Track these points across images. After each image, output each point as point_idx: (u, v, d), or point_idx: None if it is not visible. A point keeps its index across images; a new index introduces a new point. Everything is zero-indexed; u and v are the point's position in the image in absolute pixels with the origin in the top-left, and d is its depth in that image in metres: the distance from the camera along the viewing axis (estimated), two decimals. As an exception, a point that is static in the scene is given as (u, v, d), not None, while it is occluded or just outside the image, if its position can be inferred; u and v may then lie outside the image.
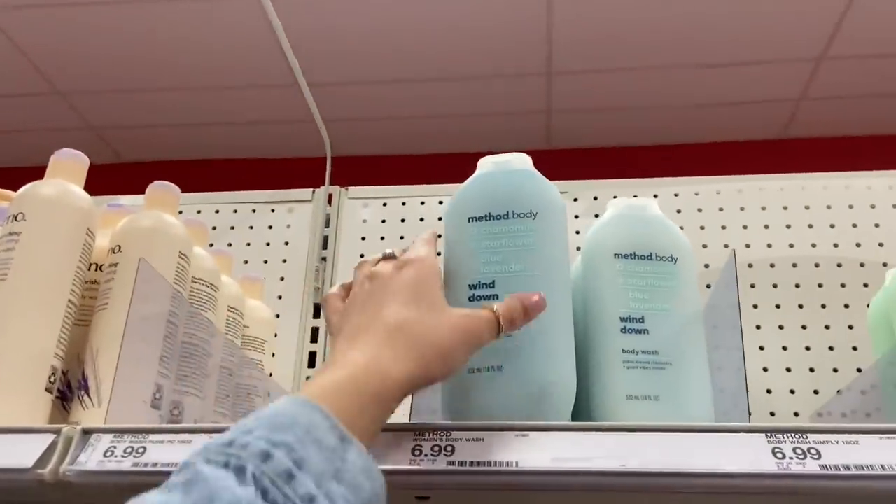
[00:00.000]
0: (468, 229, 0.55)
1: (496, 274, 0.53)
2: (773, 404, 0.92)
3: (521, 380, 0.51)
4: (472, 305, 0.51)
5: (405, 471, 0.45)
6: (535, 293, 0.50)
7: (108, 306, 0.62)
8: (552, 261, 0.54)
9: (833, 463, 0.43)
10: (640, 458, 0.45)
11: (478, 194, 0.56)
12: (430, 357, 0.44)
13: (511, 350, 0.51)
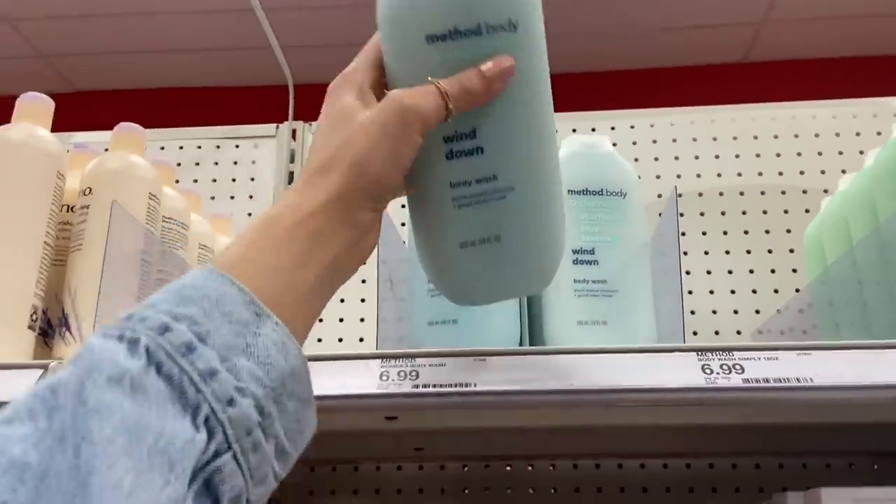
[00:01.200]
0: (427, 54, 0.41)
1: (475, 119, 0.41)
2: (719, 324, 0.98)
3: (520, 252, 0.44)
4: (454, 164, 0.42)
5: (374, 394, 0.49)
6: (501, 59, 0.40)
7: (83, 247, 0.64)
8: (540, 83, 0.43)
9: (754, 377, 0.48)
10: (585, 378, 0.50)
11: (430, 6, 0.40)
12: (345, 169, 0.38)
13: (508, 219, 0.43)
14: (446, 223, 0.43)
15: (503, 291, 0.48)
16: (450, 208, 0.43)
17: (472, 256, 0.43)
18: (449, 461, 0.95)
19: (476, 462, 0.94)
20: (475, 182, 0.42)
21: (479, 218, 0.43)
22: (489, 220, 0.43)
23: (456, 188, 0.42)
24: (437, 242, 0.44)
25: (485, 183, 0.42)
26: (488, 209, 0.43)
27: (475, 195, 0.42)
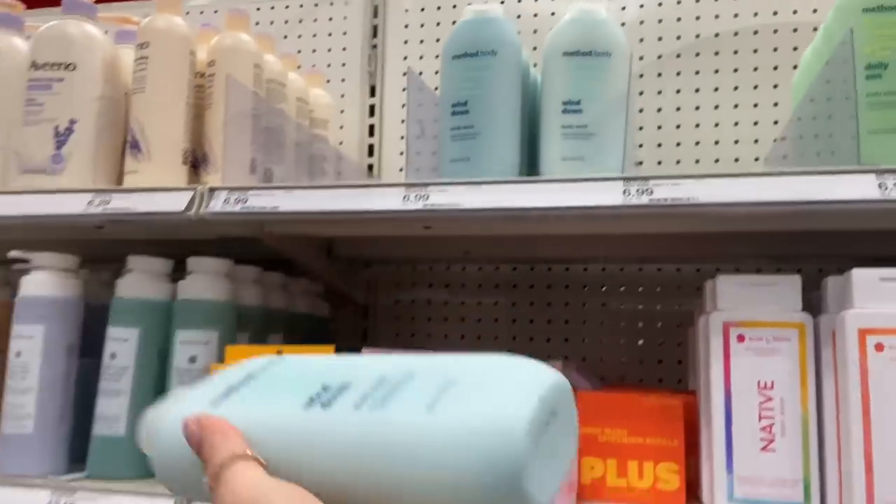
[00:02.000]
0: (225, 408, 0.40)
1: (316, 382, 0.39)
2: (722, 153, 1.12)
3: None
4: (332, 408, 0.37)
5: (400, 210, 0.73)
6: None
7: (212, 105, 0.90)
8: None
9: (661, 197, 0.67)
10: (554, 199, 0.71)
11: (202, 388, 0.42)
12: None
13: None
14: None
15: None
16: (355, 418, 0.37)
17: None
18: (501, 263, 1.20)
19: (523, 265, 1.19)
20: (371, 391, 0.37)
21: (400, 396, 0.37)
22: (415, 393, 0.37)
23: (362, 406, 0.36)
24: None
25: (379, 387, 0.37)
26: (403, 390, 0.37)
27: (381, 396, 0.37)
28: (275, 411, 0.38)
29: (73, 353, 0.85)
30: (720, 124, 1.13)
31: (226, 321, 0.85)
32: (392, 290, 1.24)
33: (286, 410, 0.37)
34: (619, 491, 0.76)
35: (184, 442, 0.37)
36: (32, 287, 0.83)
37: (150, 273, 0.85)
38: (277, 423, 0.37)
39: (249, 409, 0.38)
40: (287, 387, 0.39)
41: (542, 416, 0.33)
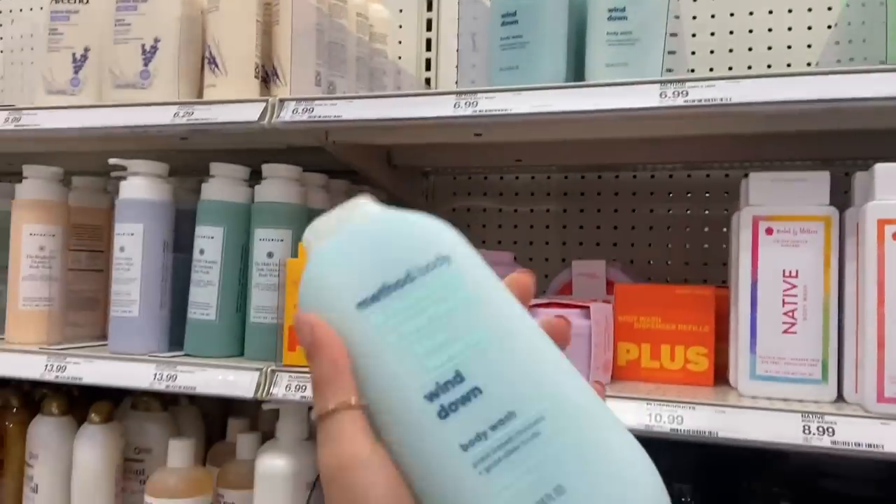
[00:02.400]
0: (365, 320, 0.34)
1: (451, 360, 0.34)
2: (774, 58, 1.13)
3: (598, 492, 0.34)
4: (453, 423, 0.33)
5: (451, 116, 0.80)
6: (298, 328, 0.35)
7: (279, 22, 0.97)
8: (496, 297, 0.36)
9: (695, 98, 0.72)
10: (595, 103, 0.76)
11: (352, 268, 0.35)
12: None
13: None
14: (482, 501, 0.31)
15: None
16: (475, 479, 0.31)
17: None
18: (552, 172, 1.26)
19: (574, 173, 1.25)
20: (490, 430, 0.32)
21: (520, 472, 0.31)
22: (536, 471, 0.32)
23: (470, 449, 0.32)
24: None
25: (502, 426, 0.32)
26: (525, 456, 0.32)
27: (500, 446, 0.32)
28: (394, 380, 0.33)
29: (167, 248, 0.96)
30: (773, 29, 1.13)
31: (297, 221, 0.94)
32: (449, 199, 1.32)
33: (404, 389, 0.33)
34: (652, 371, 0.84)
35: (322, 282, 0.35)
36: (131, 191, 0.94)
37: (231, 178, 0.95)
38: (391, 401, 0.33)
39: (380, 352, 0.33)
40: (424, 339, 0.33)
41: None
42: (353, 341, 0.34)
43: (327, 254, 0.36)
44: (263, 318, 0.92)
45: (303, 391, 0.84)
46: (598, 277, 1.01)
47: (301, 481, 0.89)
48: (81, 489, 0.97)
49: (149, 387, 0.89)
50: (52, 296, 1.02)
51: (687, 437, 0.71)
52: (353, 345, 0.34)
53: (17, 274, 1.00)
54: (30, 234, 1.01)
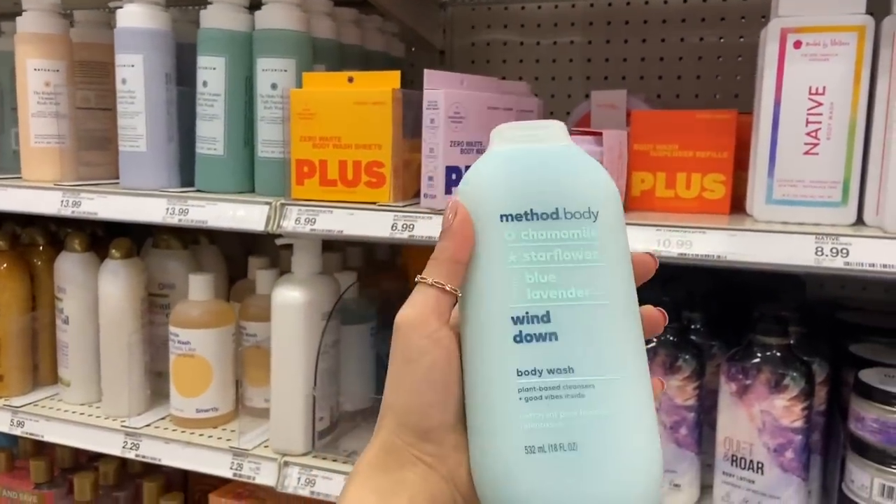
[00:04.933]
0: (501, 231, 0.36)
1: (550, 302, 0.35)
2: None
3: (601, 465, 0.35)
4: (523, 349, 0.35)
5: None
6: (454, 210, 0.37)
7: None
8: (622, 279, 0.37)
9: None
10: None
11: (510, 183, 0.37)
12: (381, 422, 0.38)
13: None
14: (509, 420, 0.34)
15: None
16: (514, 400, 0.34)
17: (540, 465, 0.34)
18: (578, 1, 1.17)
19: (601, 0, 1.16)
20: (547, 372, 0.35)
21: (551, 417, 0.34)
22: (563, 422, 0.34)
23: (523, 377, 0.34)
24: (497, 443, 0.35)
25: (558, 375, 0.35)
26: (561, 407, 0.34)
27: (546, 388, 0.34)
28: (495, 297, 0.35)
29: (171, 81, 0.94)
30: None
31: (302, 51, 0.90)
32: (468, 33, 1.25)
33: (500, 304, 0.35)
34: (666, 200, 0.81)
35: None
36: (128, 19, 0.91)
37: (230, 4, 0.90)
38: (483, 307, 0.36)
39: (496, 263, 0.36)
40: (537, 276, 0.35)
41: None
42: (481, 243, 0.36)
43: (500, 159, 0.38)
44: (271, 152, 0.91)
45: (312, 224, 0.84)
46: (618, 108, 0.96)
47: (315, 311, 0.91)
48: (107, 319, 1.01)
49: (161, 221, 0.90)
50: (63, 133, 1.01)
51: (695, 261, 0.69)
52: (479, 245, 0.36)
53: (26, 111, 0.99)
54: (34, 69, 0.99)
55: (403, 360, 0.36)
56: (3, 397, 1.07)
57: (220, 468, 0.92)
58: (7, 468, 1.17)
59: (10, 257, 1.07)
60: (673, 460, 0.81)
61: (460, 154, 0.80)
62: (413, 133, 0.85)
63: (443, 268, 0.36)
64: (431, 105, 0.78)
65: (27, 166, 1.01)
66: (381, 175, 0.82)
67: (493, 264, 0.36)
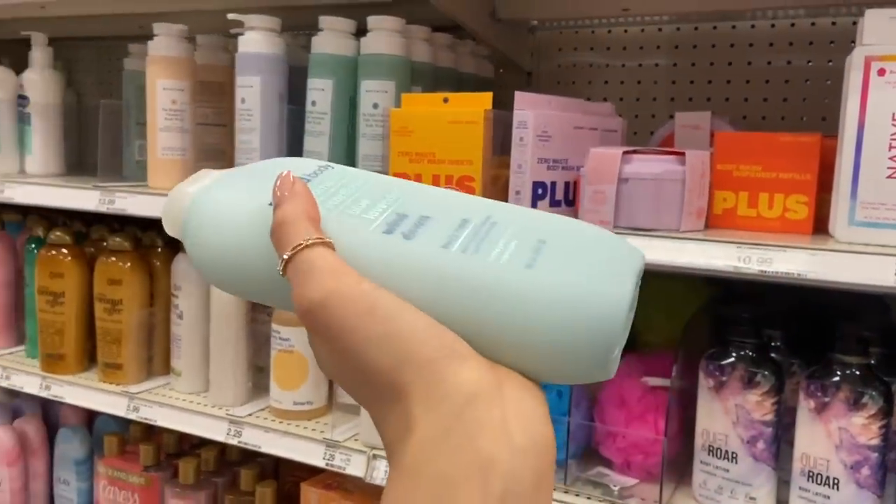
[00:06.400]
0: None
1: (388, 207, 0.36)
2: None
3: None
4: (415, 240, 0.34)
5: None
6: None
7: None
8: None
9: None
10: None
11: (254, 179, 0.38)
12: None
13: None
14: (477, 268, 0.33)
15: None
16: (467, 259, 0.33)
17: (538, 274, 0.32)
18: (664, 24, 1.21)
19: (686, 24, 1.19)
20: (456, 231, 0.34)
21: (502, 242, 0.34)
22: (514, 238, 0.34)
23: (450, 245, 0.33)
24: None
25: (464, 227, 0.34)
26: (497, 235, 0.34)
27: (472, 235, 0.34)
28: (351, 228, 0.34)
29: (283, 100, 1.03)
30: None
31: (401, 73, 0.98)
32: (555, 55, 1.30)
33: (364, 232, 0.34)
34: (748, 220, 0.84)
35: (248, 233, 0.35)
36: (248, 45, 1.00)
37: (339, 31, 0.99)
38: (353, 245, 0.33)
39: (326, 218, 0.34)
40: (356, 205, 0.35)
41: (635, 290, 0.33)
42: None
43: (226, 177, 0.38)
44: (370, 166, 0.98)
45: (406, 232, 0.90)
46: (702, 129, 0.99)
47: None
48: (217, 316, 1.11)
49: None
50: (185, 146, 1.12)
51: (775, 278, 0.72)
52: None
53: (155, 126, 1.11)
54: (163, 88, 1.10)
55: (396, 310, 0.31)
56: (122, 384, 1.19)
57: (314, 458, 1.00)
58: (119, 451, 1.28)
59: (133, 257, 1.19)
60: (749, 473, 0.83)
61: (546, 170, 0.85)
62: (502, 150, 0.91)
63: (303, 223, 0.33)
64: (521, 125, 0.83)
65: (153, 175, 1.12)
66: (472, 189, 0.88)
67: (325, 220, 0.34)
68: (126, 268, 1.18)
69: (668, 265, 0.76)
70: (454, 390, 0.29)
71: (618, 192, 0.80)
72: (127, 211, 1.09)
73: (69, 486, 1.36)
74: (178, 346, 1.16)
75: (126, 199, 1.09)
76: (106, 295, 1.18)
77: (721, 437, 0.84)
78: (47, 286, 1.21)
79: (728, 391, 0.84)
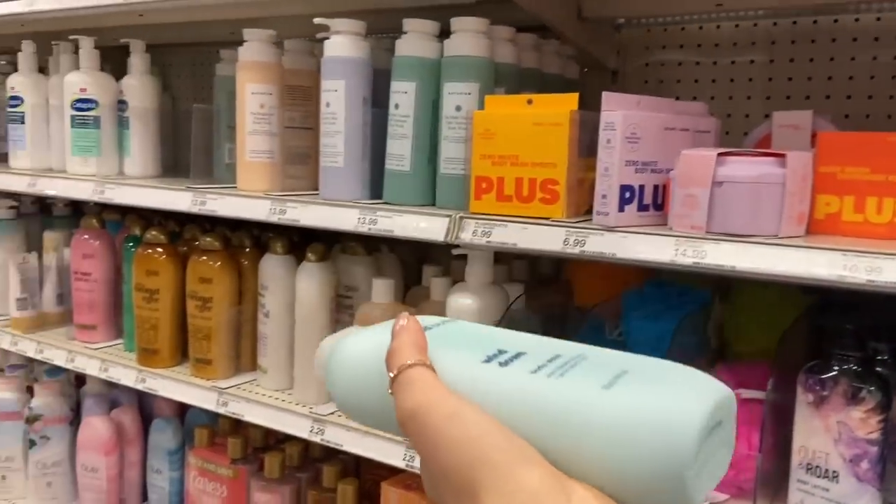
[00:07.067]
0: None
1: (492, 344, 0.42)
2: None
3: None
4: (510, 367, 0.39)
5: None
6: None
7: None
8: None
9: None
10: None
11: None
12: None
13: None
14: (552, 394, 0.37)
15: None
16: (551, 383, 0.37)
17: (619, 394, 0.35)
18: (759, 19, 1.15)
19: (784, 18, 1.13)
20: (547, 362, 0.38)
21: (586, 371, 0.37)
22: (600, 368, 0.38)
23: (539, 371, 0.38)
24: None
25: (555, 360, 0.39)
26: (585, 366, 0.38)
27: (560, 366, 0.38)
28: (454, 357, 0.40)
29: (367, 104, 1.04)
30: None
31: (485, 75, 0.97)
32: (642, 53, 1.26)
33: (465, 360, 0.39)
34: (854, 225, 0.79)
35: (370, 367, 0.41)
36: (334, 49, 1.02)
37: (422, 34, 0.98)
38: (456, 370, 0.39)
39: (437, 353, 0.40)
40: (463, 342, 0.42)
41: (712, 422, 0.34)
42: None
43: (363, 329, 0.45)
44: (452, 169, 0.98)
45: (487, 236, 0.90)
46: (801, 129, 0.94)
47: (486, 319, 0.97)
48: (303, 315, 1.13)
49: (353, 229, 1.00)
50: (273, 149, 1.14)
51: (884, 288, 0.67)
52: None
53: (244, 129, 1.14)
54: (252, 92, 1.13)
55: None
56: (212, 379, 1.23)
57: (394, 458, 1.00)
58: (209, 443, 1.32)
59: (224, 257, 1.23)
60: (852, 494, 0.78)
61: (635, 173, 0.83)
62: (587, 152, 0.88)
63: (410, 349, 0.39)
64: (609, 126, 0.81)
65: (242, 178, 1.15)
66: (555, 192, 0.87)
67: (436, 355, 0.40)
68: (216, 267, 1.22)
69: (767, 273, 0.73)
70: (521, 488, 0.33)
71: (711, 196, 0.77)
72: (217, 212, 1.12)
73: (162, 475, 1.42)
74: (265, 344, 1.19)
75: (216, 201, 1.12)
76: (197, 292, 1.22)
77: (821, 454, 0.80)
78: (143, 283, 1.27)
79: (829, 407, 0.79)
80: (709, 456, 0.34)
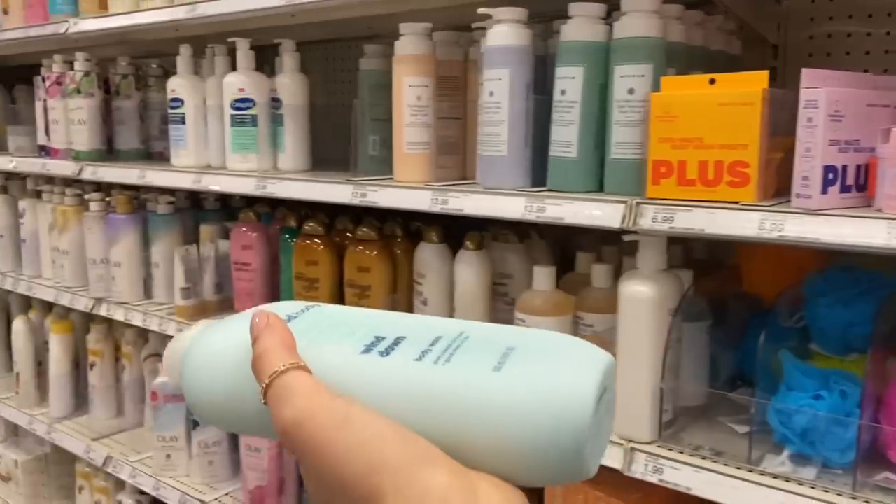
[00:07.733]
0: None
1: (367, 332, 0.40)
2: None
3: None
4: (392, 356, 0.38)
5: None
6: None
7: None
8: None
9: None
10: None
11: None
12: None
13: None
14: (444, 380, 0.35)
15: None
16: (439, 370, 0.36)
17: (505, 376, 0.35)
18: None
19: None
20: (430, 346, 0.37)
21: (472, 353, 0.36)
22: (485, 347, 0.37)
23: (423, 358, 0.36)
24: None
25: (437, 343, 0.37)
26: (469, 347, 0.37)
27: (445, 349, 0.37)
28: (330, 352, 0.37)
29: (530, 91, 1.03)
30: None
31: (658, 56, 0.94)
32: (806, 25, 1.20)
33: (342, 354, 0.37)
34: None
35: (235, 372, 0.37)
36: (497, 38, 1.01)
37: (589, 17, 0.97)
38: (334, 366, 0.36)
39: (307, 346, 0.37)
40: (334, 332, 0.39)
41: (601, 391, 0.34)
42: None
43: (214, 324, 0.42)
44: (623, 153, 0.96)
45: (670, 222, 0.87)
46: None
47: (663, 306, 0.94)
48: (463, 303, 1.14)
49: (520, 218, 1.00)
50: (429, 140, 1.16)
51: None
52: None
53: (401, 122, 1.15)
54: (409, 85, 1.14)
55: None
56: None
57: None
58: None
59: (379, 247, 1.25)
60: None
61: (838, 153, 0.79)
62: (775, 131, 0.85)
63: (279, 352, 0.36)
64: (810, 104, 0.77)
65: (400, 169, 1.17)
66: (746, 175, 0.83)
67: (306, 348, 0.37)
68: (373, 256, 1.25)
69: None
70: (428, 491, 0.31)
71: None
72: (378, 203, 1.14)
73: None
74: (423, 332, 1.21)
75: (377, 193, 1.15)
76: (356, 281, 1.25)
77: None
78: (303, 272, 1.31)
79: None
80: (599, 424, 0.34)
